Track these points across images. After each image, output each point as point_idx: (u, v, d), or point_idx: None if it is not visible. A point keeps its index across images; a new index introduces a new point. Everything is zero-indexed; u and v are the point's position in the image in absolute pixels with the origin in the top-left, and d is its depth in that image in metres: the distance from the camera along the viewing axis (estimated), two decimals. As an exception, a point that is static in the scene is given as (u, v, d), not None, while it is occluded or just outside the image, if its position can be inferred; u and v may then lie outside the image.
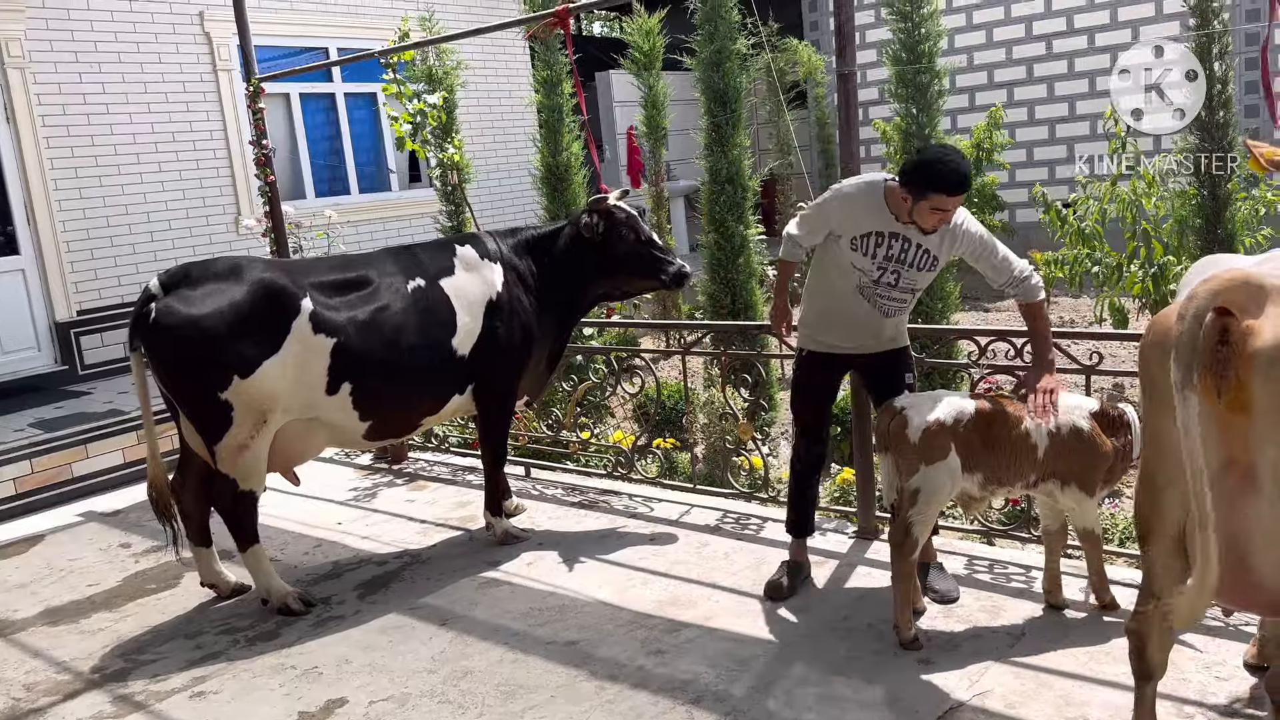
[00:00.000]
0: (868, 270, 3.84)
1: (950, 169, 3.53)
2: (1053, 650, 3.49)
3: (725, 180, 6.34)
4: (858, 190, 3.86)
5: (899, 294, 3.87)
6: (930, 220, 3.64)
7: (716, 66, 6.28)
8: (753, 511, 5.13)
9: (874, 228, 3.79)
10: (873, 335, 3.96)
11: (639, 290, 5.37)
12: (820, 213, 3.94)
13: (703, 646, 3.77)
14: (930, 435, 3.54)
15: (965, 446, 3.55)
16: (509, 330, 4.78)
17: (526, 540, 5.00)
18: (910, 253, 3.79)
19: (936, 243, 3.79)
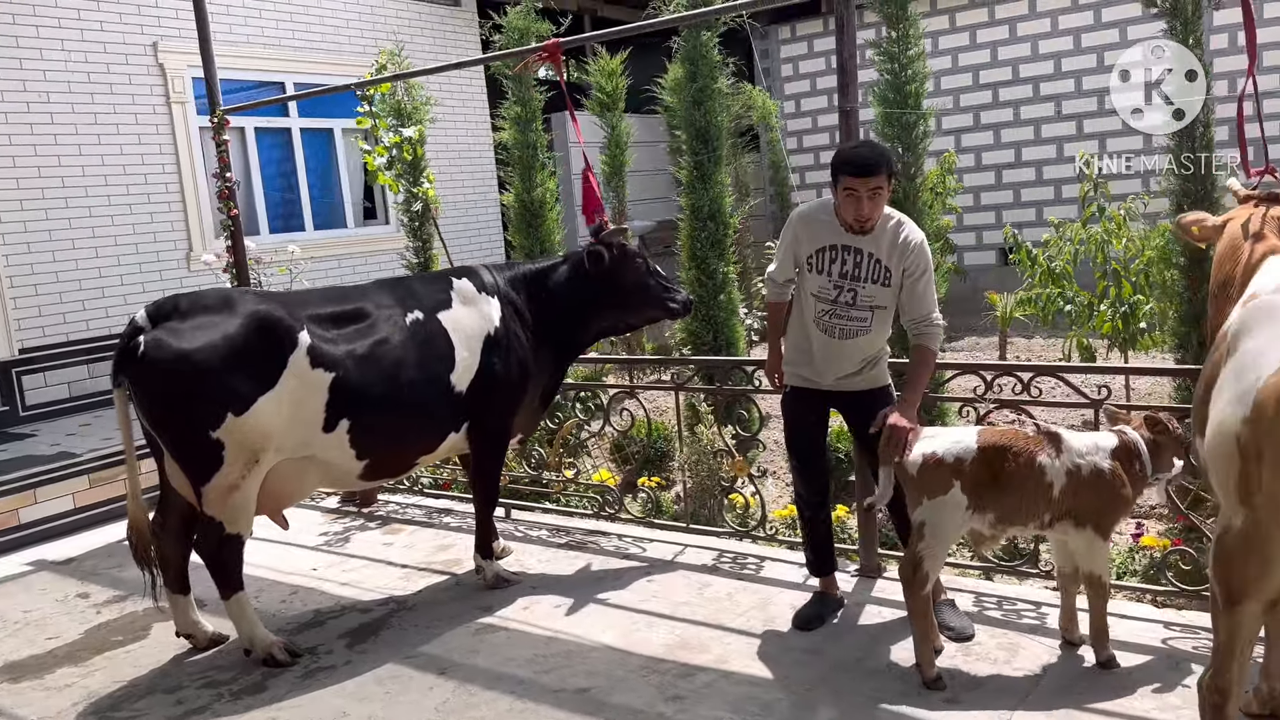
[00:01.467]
0: (825, 291, 3.90)
1: (853, 152, 3.77)
2: (1079, 690, 3.45)
3: (707, 217, 6.33)
4: (810, 207, 4.05)
5: (858, 313, 3.89)
6: (847, 209, 3.76)
7: (699, 105, 6.30)
8: (749, 551, 5.05)
9: (827, 241, 3.88)
10: (842, 367, 3.98)
11: (645, 321, 5.33)
12: (784, 239, 4.05)
13: (721, 691, 3.66)
14: (928, 469, 3.51)
15: (972, 483, 3.48)
16: (506, 366, 4.66)
17: (518, 584, 4.85)
18: (864, 265, 3.84)
19: (886, 251, 3.83)
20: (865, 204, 3.73)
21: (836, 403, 4.11)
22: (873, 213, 3.78)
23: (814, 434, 4.17)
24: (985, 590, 4.35)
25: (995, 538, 3.68)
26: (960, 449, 3.51)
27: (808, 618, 4.12)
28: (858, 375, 4.00)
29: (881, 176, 3.72)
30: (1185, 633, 3.80)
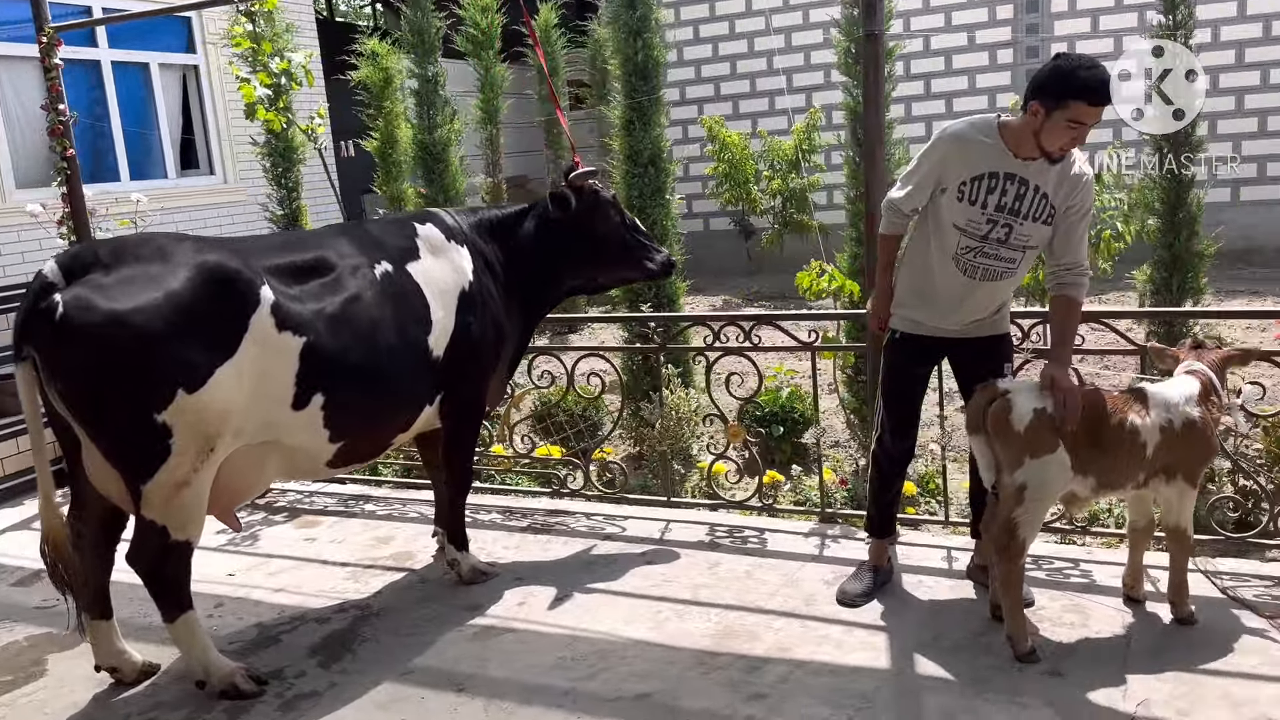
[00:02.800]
0: (975, 225, 3.40)
1: (1095, 74, 3.14)
2: (1175, 651, 3.27)
3: (647, 162, 5.81)
4: (970, 126, 3.44)
5: (1008, 253, 3.43)
6: (1063, 138, 3.23)
7: (637, 35, 5.74)
8: (742, 523, 4.65)
9: (988, 168, 3.36)
10: (974, 312, 3.55)
11: (618, 281, 4.73)
12: (927, 161, 3.47)
13: (804, 684, 3.24)
14: (1038, 424, 3.23)
15: (1073, 442, 3.25)
16: (482, 327, 4.01)
17: (496, 576, 4.23)
18: (1026, 199, 3.36)
19: (1055, 185, 3.35)
20: (1084, 136, 3.24)
21: (951, 351, 3.68)
22: (1083, 141, 3.31)
23: (920, 387, 3.75)
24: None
25: (1087, 502, 3.45)
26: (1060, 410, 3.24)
27: (855, 593, 3.77)
28: (986, 320, 3.58)
29: None
30: (1237, 580, 3.73)
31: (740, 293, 11.53)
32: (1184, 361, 3.49)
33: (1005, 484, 3.31)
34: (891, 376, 3.75)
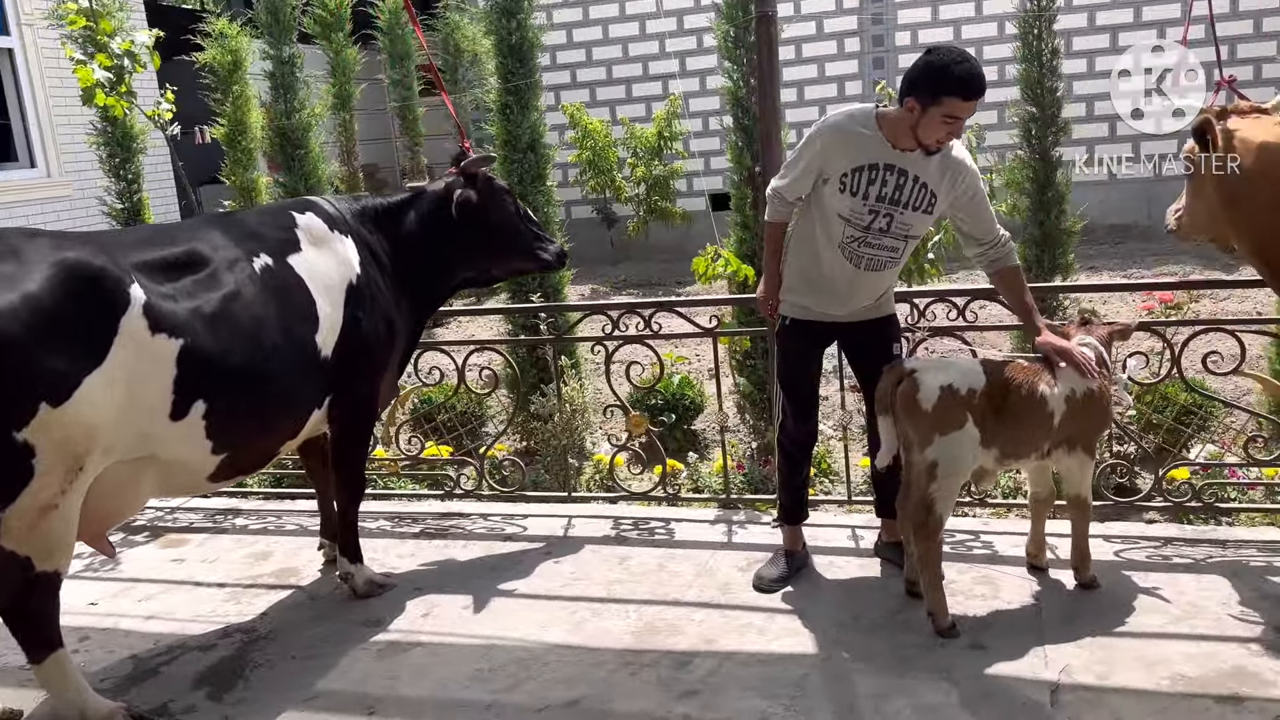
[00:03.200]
0: (857, 216, 3.42)
1: (966, 70, 3.16)
2: (1086, 616, 3.37)
3: (526, 148, 5.60)
4: (848, 118, 3.44)
5: (890, 241, 3.46)
6: (939, 132, 3.26)
7: (510, 15, 5.52)
8: (647, 514, 4.56)
9: (868, 159, 3.37)
10: (860, 298, 3.58)
11: (511, 272, 4.60)
12: (808, 151, 3.47)
13: (735, 676, 3.17)
14: (945, 401, 3.26)
15: (980, 417, 3.29)
16: (372, 322, 3.76)
17: (394, 588, 3.99)
18: (906, 189, 3.39)
19: (936, 176, 3.39)
20: (959, 128, 3.28)
21: (841, 334, 3.71)
22: (959, 133, 3.36)
23: (815, 371, 3.76)
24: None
25: (994, 474, 3.51)
26: (972, 381, 3.28)
27: (771, 579, 3.74)
28: (872, 305, 3.62)
29: None
30: (1128, 544, 3.89)
31: (608, 281, 11.44)
32: (1076, 335, 3.60)
33: (916, 462, 3.33)
34: (786, 362, 3.76)
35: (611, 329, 4.44)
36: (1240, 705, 2.80)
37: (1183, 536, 3.93)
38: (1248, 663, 2.99)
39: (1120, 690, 2.93)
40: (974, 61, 3.21)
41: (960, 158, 3.44)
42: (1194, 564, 3.68)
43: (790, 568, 3.80)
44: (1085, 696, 2.92)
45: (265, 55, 6.05)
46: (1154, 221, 11.72)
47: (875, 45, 12.87)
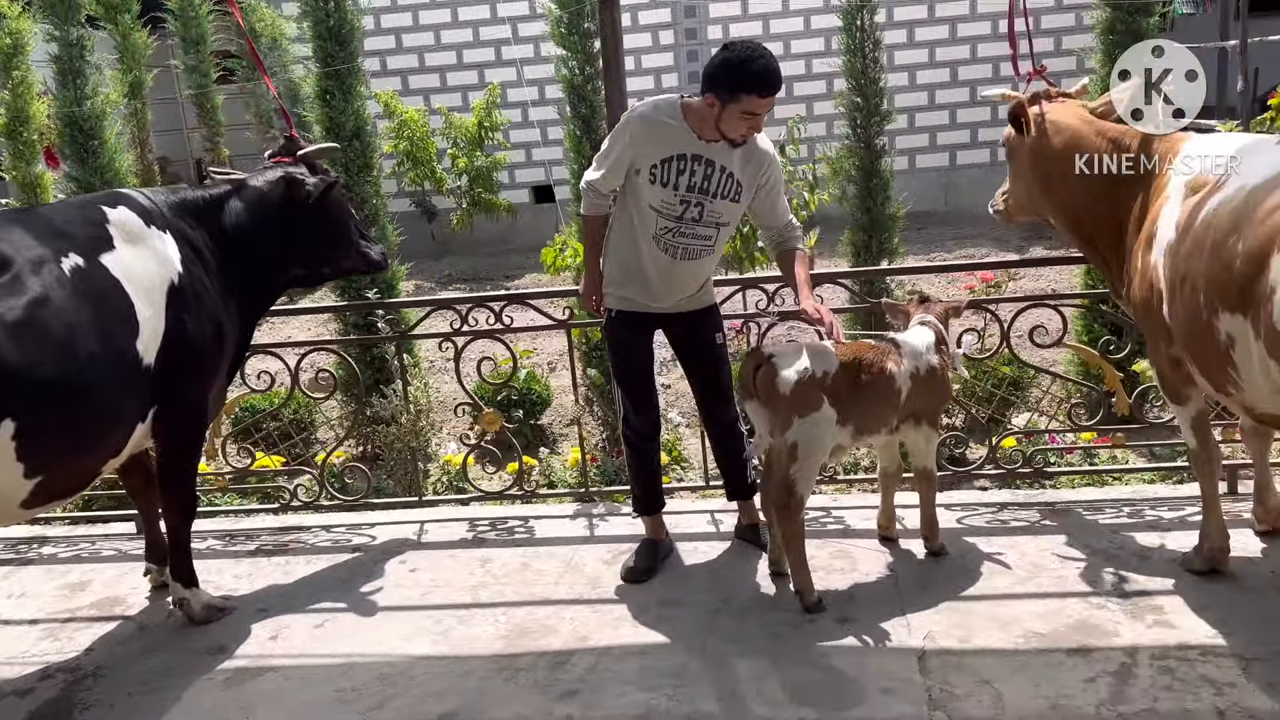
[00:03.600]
0: (669, 206, 3.45)
1: (762, 66, 3.20)
2: (940, 583, 3.51)
3: (351, 136, 5.32)
4: (654, 109, 3.44)
5: (703, 230, 3.50)
6: (740, 127, 3.31)
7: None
8: (503, 514, 4.43)
9: (676, 150, 3.40)
10: (680, 288, 3.60)
11: (340, 272, 4.33)
12: (618, 143, 3.47)
13: (614, 671, 3.12)
14: (802, 386, 3.32)
15: (835, 397, 3.37)
16: (199, 325, 3.46)
17: (234, 611, 3.71)
18: (714, 179, 3.43)
19: (740, 165, 3.45)
20: (760, 122, 3.33)
21: (666, 325, 3.71)
22: (761, 126, 3.40)
23: (646, 361, 3.74)
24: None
25: (849, 450, 3.60)
26: (826, 364, 3.35)
27: (639, 570, 3.71)
28: (693, 295, 3.65)
29: None
30: (968, 511, 4.09)
31: (432, 276, 11.12)
32: (916, 315, 3.75)
33: (777, 444, 3.38)
34: (616, 355, 3.75)
35: (461, 324, 4.28)
36: (1089, 655, 2.99)
37: (1016, 501, 4.17)
38: (1090, 615, 3.20)
39: (981, 651, 3.07)
40: (770, 57, 3.25)
41: (764, 148, 3.52)
42: (1030, 525, 3.91)
43: (656, 556, 3.78)
44: (950, 660, 3.04)
45: (50, 38, 5.48)
46: (951, 208, 12.53)
47: (689, 38, 13.08)
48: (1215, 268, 2.79)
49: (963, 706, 2.80)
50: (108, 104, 5.48)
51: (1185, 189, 3.07)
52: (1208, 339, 2.87)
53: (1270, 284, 2.57)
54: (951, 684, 2.91)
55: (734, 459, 3.88)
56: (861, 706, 2.84)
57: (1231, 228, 2.75)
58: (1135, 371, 4.50)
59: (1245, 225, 2.70)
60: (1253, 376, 2.79)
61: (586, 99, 5.21)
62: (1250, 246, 2.66)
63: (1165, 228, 3.10)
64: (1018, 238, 11.25)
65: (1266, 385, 2.76)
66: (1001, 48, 12.26)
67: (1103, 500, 4.09)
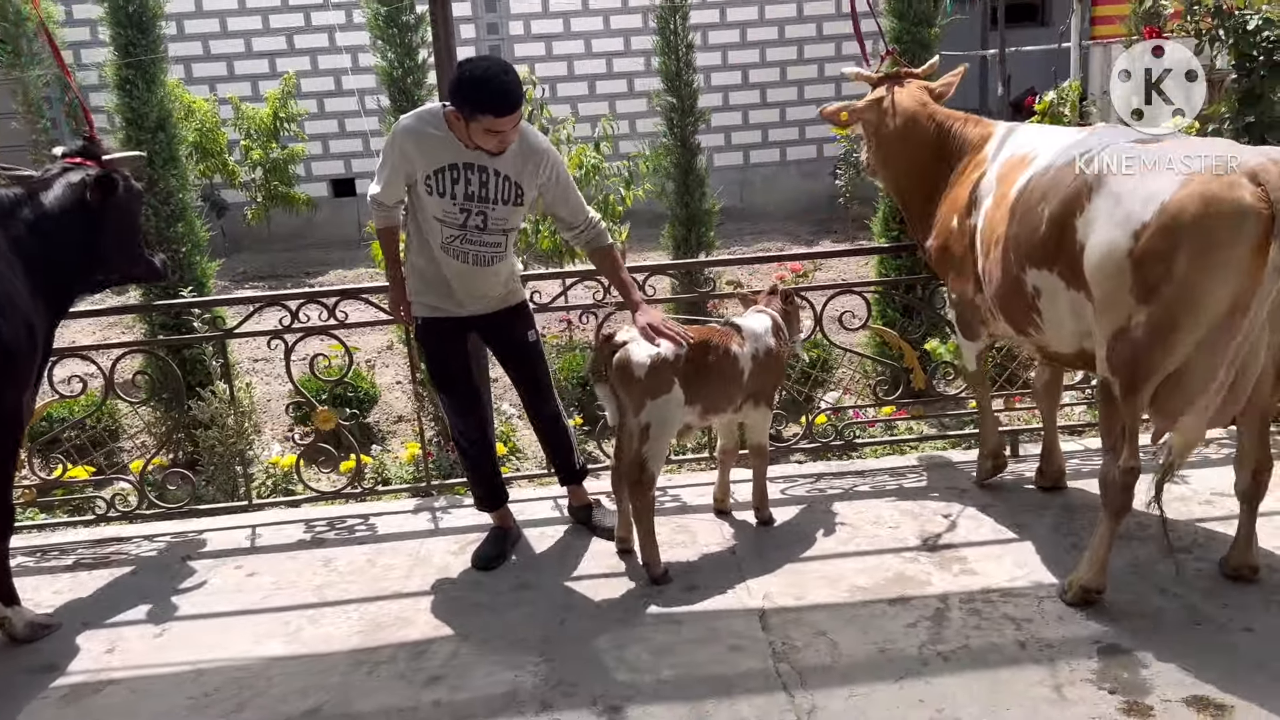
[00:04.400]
0: (450, 215, 3.46)
1: (499, 86, 3.20)
2: (773, 549, 3.79)
3: (155, 127, 5.05)
4: (418, 120, 3.44)
5: (490, 238, 3.52)
6: (489, 142, 3.32)
7: (123, -19, 4.95)
8: (341, 513, 4.38)
9: (446, 160, 3.41)
10: (481, 293, 3.64)
11: (126, 279, 4.17)
12: (390, 156, 3.45)
13: (476, 654, 3.20)
14: (655, 369, 3.51)
15: (684, 378, 3.58)
16: (14, 328, 3.27)
17: (59, 627, 3.51)
18: (491, 185, 3.45)
19: (516, 167, 3.45)
20: (509, 135, 3.32)
21: (477, 327, 3.75)
22: (513, 138, 3.37)
23: (460, 363, 3.76)
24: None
25: (696, 428, 3.82)
26: (677, 347, 3.55)
27: (490, 556, 3.79)
28: (498, 297, 3.70)
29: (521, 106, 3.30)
30: (789, 483, 4.41)
31: (227, 274, 10.58)
32: (762, 303, 4.04)
33: (630, 425, 3.56)
34: (433, 362, 3.76)
35: (292, 320, 4.19)
36: (908, 603, 3.33)
37: (830, 471, 4.54)
38: (905, 569, 3.56)
39: (814, 607, 3.36)
40: (505, 75, 3.24)
41: (537, 145, 3.52)
42: (845, 493, 4.27)
43: (506, 543, 3.88)
44: (788, 617, 3.31)
45: None
46: (746, 204, 13.17)
47: (490, 33, 13.06)
48: (1025, 231, 3.28)
49: (803, 657, 3.07)
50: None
51: (1000, 165, 3.61)
52: (1017, 290, 3.38)
53: (1079, 241, 3.04)
54: (792, 638, 3.17)
55: (561, 449, 4.00)
56: (715, 665, 3.06)
57: (1040, 198, 3.24)
58: (927, 350, 4.98)
59: (1051, 194, 3.18)
60: (1060, 320, 3.29)
61: (407, 92, 5.18)
62: (1054, 211, 3.14)
63: (983, 198, 3.62)
64: (807, 232, 12.00)
65: (1075, 326, 3.25)
66: (788, 51, 13.08)
67: (904, 467, 4.53)
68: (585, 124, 7.94)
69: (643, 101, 12.28)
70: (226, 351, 4.56)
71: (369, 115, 12.70)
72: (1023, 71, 12.41)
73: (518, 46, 12.75)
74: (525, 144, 3.46)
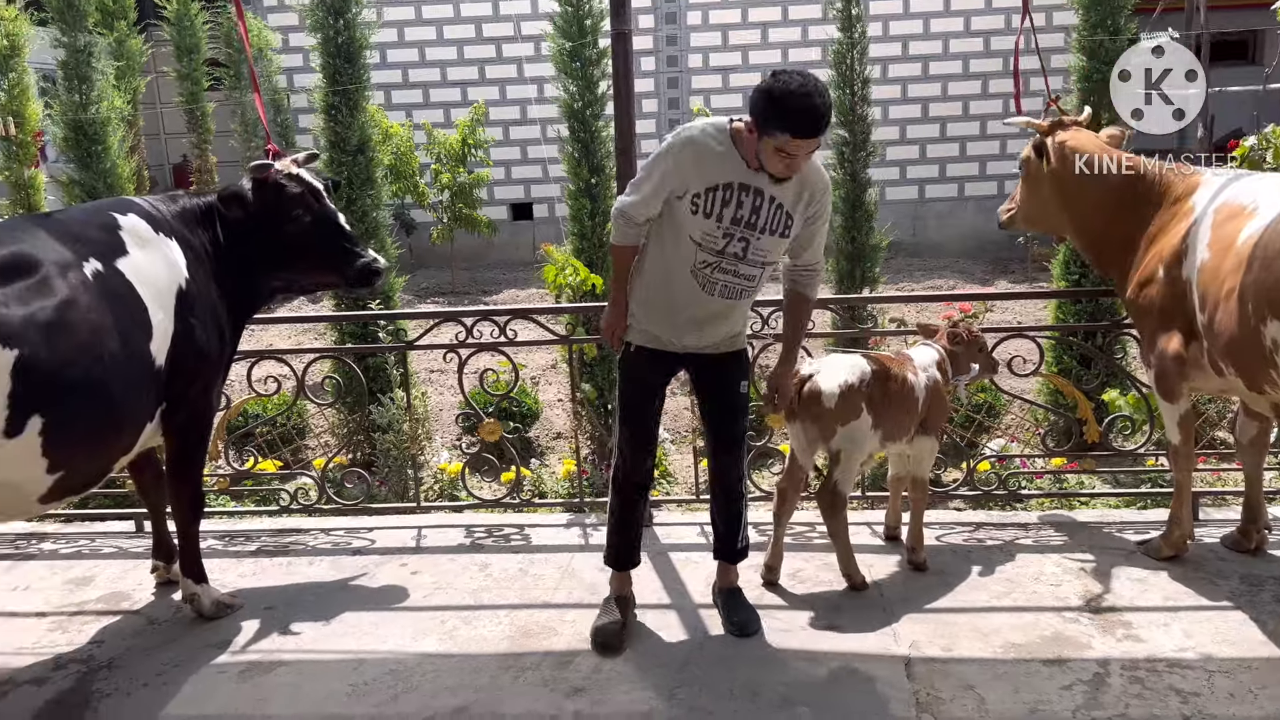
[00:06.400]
0: (710, 239, 3.17)
1: (805, 106, 2.92)
2: (922, 593, 3.71)
3: (355, 150, 5.46)
4: (701, 133, 3.15)
5: (746, 269, 3.22)
6: (776, 165, 3.05)
7: (338, 14, 5.37)
8: (499, 521, 4.57)
9: (722, 179, 3.12)
10: (710, 331, 3.34)
11: (319, 286, 4.26)
12: (659, 167, 3.17)
13: (618, 671, 3.27)
14: (845, 397, 3.57)
15: (870, 404, 3.63)
16: (205, 329, 3.57)
17: (241, 608, 3.81)
18: (763, 211, 3.15)
19: (792, 199, 3.18)
20: (800, 162, 3.07)
21: (689, 365, 3.46)
22: (803, 165, 3.12)
23: (656, 403, 3.49)
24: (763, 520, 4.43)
25: (875, 456, 3.85)
26: (862, 373, 3.61)
27: (611, 634, 3.42)
28: (723, 340, 3.40)
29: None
30: (945, 529, 4.30)
31: (410, 289, 11.20)
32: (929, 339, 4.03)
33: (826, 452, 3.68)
34: (628, 391, 3.48)
35: (466, 336, 4.43)
36: (1064, 665, 3.19)
37: (990, 521, 4.40)
38: (1064, 629, 3.41)
39: (964, 660, 3.26)
40: (816, 95, 2.96)
41: (818, 177, 3.25)
42: (1004, 545, 4.12)
43: (625, 613, 3.53)
44: (935, 667, 3.22)
45: (57, 43, 5.57)
46: (919, 240, 12.91)
47: (669, 65, 13.34)
48: (1267, 282, 3.12)
49: (948, 709, 2.99)
50: (111, 110, 5.57)
51: (1214, 215, 3.45)
52: (1254, 343, 3.21)
53: None
54: (937, 689, 3.09)
55: (731, 520, 3.57)
56: (854, 706, 3.02)
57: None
58: (1104, 401, 4.75)
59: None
60: None
61: (585, 123, 5.39)
62: None
63: (1198, 247, 3.47)
64: (982, 271, 11.62)
65: None
66: (971, 86, 12.77)
67: (1071, 522, 4.33)
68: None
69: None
70: (406, 362, 4.85)
71: (549, 144, 13.23)
72: (1229, 112, 11.65)
73: (695, 79, 12.98)
74: (811, 175, 3.19)
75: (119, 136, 5.67)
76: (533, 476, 5.07)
